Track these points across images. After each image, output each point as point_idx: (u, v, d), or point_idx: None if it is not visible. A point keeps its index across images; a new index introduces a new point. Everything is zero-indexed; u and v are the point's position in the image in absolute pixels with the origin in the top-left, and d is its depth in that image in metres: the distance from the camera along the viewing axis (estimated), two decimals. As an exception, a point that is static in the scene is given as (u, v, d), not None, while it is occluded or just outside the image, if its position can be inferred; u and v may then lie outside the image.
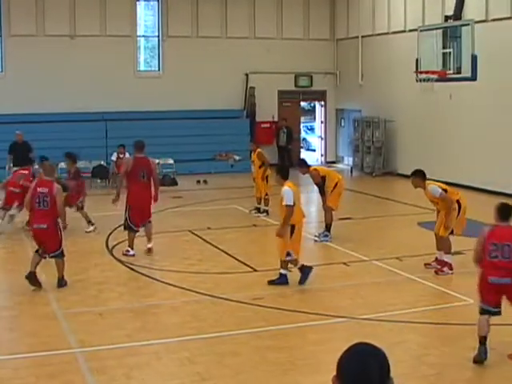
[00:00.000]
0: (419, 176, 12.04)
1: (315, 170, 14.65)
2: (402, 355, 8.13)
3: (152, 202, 13.59)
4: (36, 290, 10.80)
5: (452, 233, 12.04)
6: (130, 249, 13.17)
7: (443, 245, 12.05)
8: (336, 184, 14.45)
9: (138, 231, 13.38)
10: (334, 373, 2.89)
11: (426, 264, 12.22)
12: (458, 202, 11.97)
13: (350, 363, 2.85)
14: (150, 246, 13.44)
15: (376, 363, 2.82)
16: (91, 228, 15.46)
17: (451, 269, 11.94)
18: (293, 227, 10.95)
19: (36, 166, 16.52)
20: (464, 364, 7.92)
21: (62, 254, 11.03)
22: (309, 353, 8.34)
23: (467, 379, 7.59)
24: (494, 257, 8.05)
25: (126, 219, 13.30)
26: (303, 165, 14.76)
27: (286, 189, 10.92)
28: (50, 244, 10.87)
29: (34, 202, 10.81)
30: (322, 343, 8.61)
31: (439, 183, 12.21)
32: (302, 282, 11.03)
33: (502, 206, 8.62)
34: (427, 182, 12.00)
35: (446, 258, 12.02)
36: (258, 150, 17.42)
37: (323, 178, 14.40)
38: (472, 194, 17.20)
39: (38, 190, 10.83)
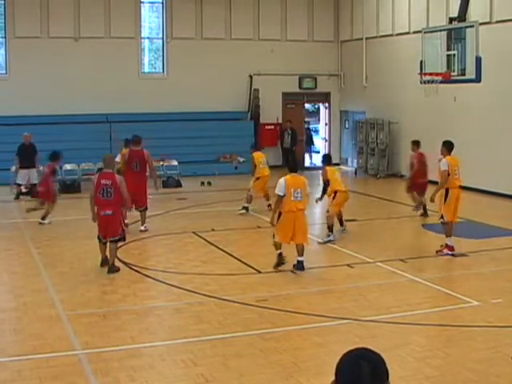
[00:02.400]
0: (445, 145, 13.25)
1: (326, 169, 14.89)
2: (406, 357, 8.13)
3: (147, 190, 15.60)
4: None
5: (442, 218, 13.08)
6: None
7: (444, 229, 13.16)
8: (335, 193, 14.57)
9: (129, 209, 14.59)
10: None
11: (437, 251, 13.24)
12: (446, 189, 13.00)
13: (343, 366, 2.93)
14: (142, 228, 15.20)
15: (369, 367, 2.86)
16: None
17: (451, 250, 12.99)
18: (280, 214, 11.90)
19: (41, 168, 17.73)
20: (468, 366, 7.91)
21: (120, 240, 12.20)
22: (313, 355, 8.33)
23: (471, 381, 7.57)
24: None
25: None
26: (324, 160, 15.49)
27: (280, 179, 12.02)
28: (112, 229, 11.93)
29: (98, 193, 11.82)
30: (325, 345, 8.60)
31: (456, 165, 13.11)
32: (274, 266, 12.15)
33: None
34: (449, 156, 13.09)
35: (447, 240, 13.07)
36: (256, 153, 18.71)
37: (328, 181, 14.65)
38: (476, 197, 17.19)
39: (102, 181, 11.88)
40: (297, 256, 12.05)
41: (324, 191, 14.72)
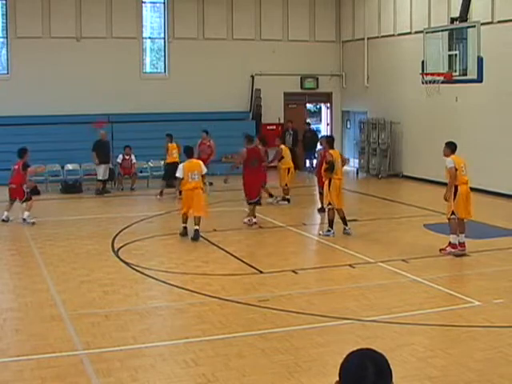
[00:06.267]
0: (448, 146, 13.38)
1: (331, 153, 15.32)
2: (408, 357, 8.12)
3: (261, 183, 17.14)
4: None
5: (453, 214, 12.98)
6: (251, 218, 16.35)
7: (450, 225, 13.07)
8: (330, 180, 15.13)
9: (255, 203, 16.40)
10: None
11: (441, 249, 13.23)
12: (455, 186, 12.99)
13: (348, 366, 2.92)
14: (246, 220, 16.34)
15: (373, 367, 2.86)
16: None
17: (454, 248, 12.98)
18: (180, 193, 15.00)
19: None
20: (470, 366, 7.90)
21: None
22: (314, 355, 8.32)
23: (473, 381, 7.56)
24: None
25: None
26: (326, 142, 16.16)
27: (180, 165, 15.13)
28: None
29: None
30: (327, 345, 8.60)
31: (462, 163, 13.18)
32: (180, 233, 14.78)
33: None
34: (453, 155, 13.18)
35: (451, 238, 13.06)
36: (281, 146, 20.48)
37: (330, 163, 15.19)
38: (477, 197, 17.14)
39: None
40: (194, 226, 14.53)
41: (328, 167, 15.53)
